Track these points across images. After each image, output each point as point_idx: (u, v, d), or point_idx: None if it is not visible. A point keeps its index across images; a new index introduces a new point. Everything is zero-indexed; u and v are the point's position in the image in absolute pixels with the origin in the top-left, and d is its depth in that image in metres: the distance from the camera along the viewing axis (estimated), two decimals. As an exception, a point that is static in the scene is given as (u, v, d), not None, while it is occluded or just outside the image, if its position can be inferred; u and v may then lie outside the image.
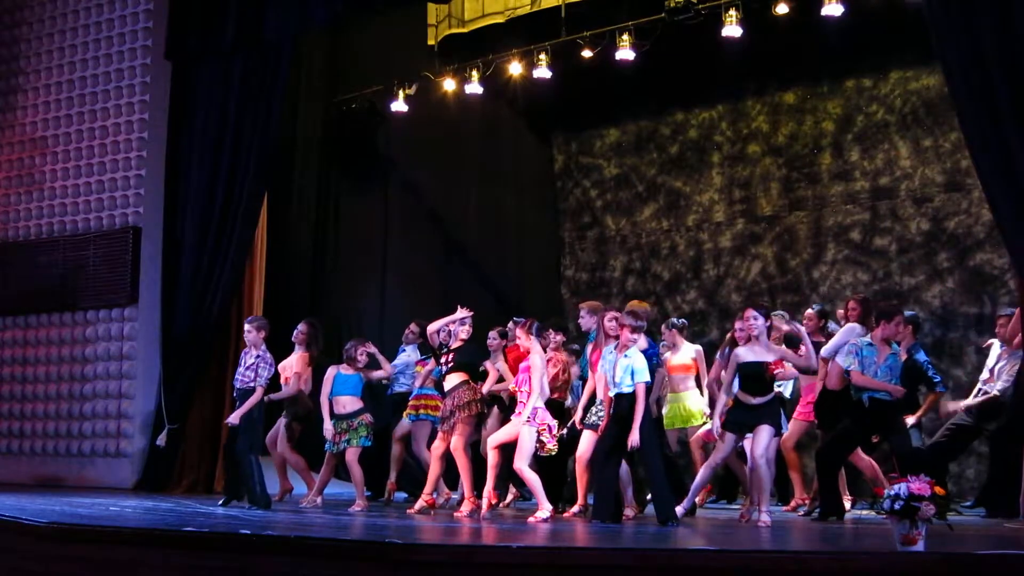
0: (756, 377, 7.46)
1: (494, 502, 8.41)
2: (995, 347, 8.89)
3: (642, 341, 7.78)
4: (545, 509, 7.77)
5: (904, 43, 11.20)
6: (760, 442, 7.45)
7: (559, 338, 8.53)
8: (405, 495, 10.23)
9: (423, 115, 12.43)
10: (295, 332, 9.55)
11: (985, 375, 8.86)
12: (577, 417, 8.17)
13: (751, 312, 7.52)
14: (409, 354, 10.28)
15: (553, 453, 8.06)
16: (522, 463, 7.91)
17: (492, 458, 8.17)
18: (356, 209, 12.97)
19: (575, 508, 8.37)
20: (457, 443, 8.47)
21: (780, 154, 12.67)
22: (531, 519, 7.65)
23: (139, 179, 11.93)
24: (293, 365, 9.52)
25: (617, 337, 7.68)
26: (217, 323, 10.94)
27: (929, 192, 11.60)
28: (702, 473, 8.10)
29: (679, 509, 7.76)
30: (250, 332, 9.14)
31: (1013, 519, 7.74)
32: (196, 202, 11.34)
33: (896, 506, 5.09)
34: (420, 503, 8.70)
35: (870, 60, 11.98)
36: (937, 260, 11.39)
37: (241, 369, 9.06)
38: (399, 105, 12.22)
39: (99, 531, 6.72)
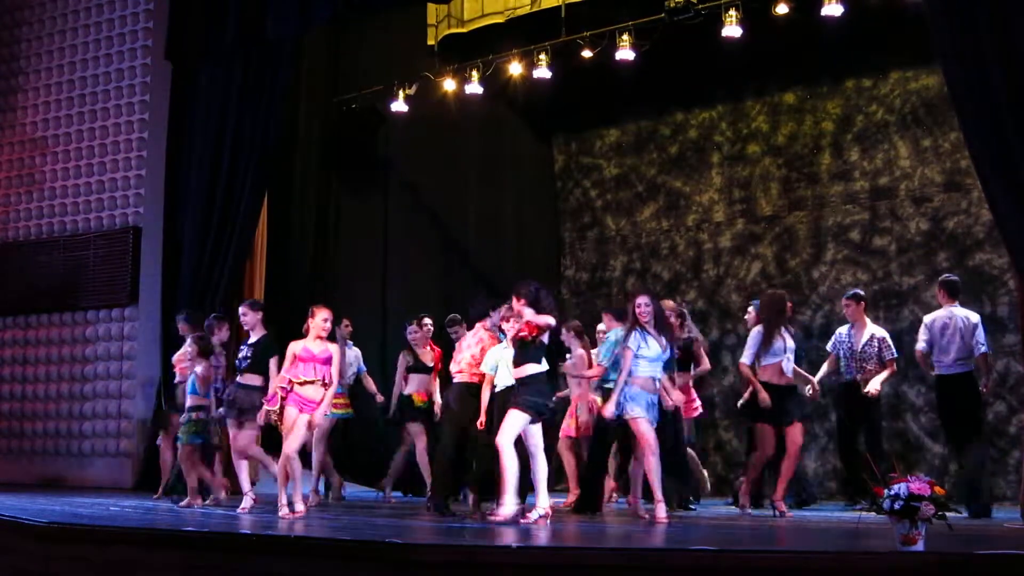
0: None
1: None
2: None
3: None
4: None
5: (904, 43, 11.20)
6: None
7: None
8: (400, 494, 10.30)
9: (423, 115, 12.43)
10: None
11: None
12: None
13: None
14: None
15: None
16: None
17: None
18: (356, 209, 12.97)
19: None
20: (247, 442, 8.40)
21: (780, 154, 12.68)
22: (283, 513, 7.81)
23: (139, 179, 11.94)
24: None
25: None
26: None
27: (928, 192, 11.60)
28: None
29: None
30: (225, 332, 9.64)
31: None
32: (196, 202, 11.35)
33: (896, 506, 5.08)
34: (247, 501, 8.38)
35: (870, 60, 11.98)
36: (937, 260, 11.39)
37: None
38: (399, 105, 12.21)
39: (99, 531, 6.72)
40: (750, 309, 9.87)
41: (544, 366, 7.40)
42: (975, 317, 8.74)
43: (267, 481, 9.61)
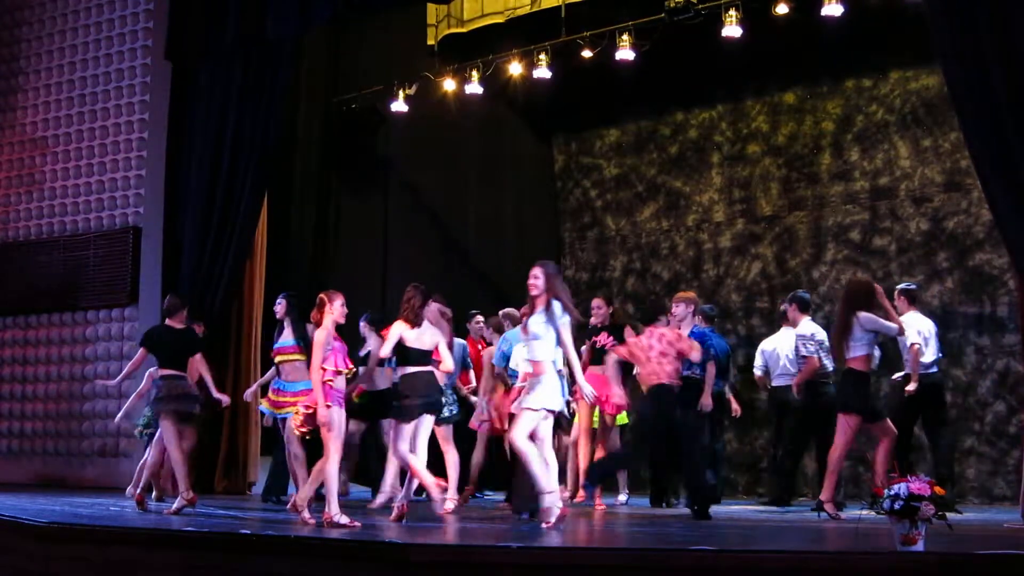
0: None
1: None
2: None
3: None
4: None
5: (904, 43, 11.20)
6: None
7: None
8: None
9: (423, 115, 12.43)
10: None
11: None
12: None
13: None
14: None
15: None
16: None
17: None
18: (356, 209, 12.97)
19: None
20: (163, 435, 8.24)
21: (780, 154, 12.67)
22: None
23: (139, 179, 11.94)
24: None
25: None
26: (217, 323, 10.93)
27: (929, 192, 11.60)
28: None
29: None
30: None
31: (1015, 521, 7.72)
32: (196, 202, 11.34)
33: (896, 506, 5.09)
34: (179, 502, 8.11)
35: (870, 60, 11.98)
36: (936, 260, 11.39)
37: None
38: (399, 105, 12.22)
39: (99, 531, 6.72)
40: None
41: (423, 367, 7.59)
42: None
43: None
